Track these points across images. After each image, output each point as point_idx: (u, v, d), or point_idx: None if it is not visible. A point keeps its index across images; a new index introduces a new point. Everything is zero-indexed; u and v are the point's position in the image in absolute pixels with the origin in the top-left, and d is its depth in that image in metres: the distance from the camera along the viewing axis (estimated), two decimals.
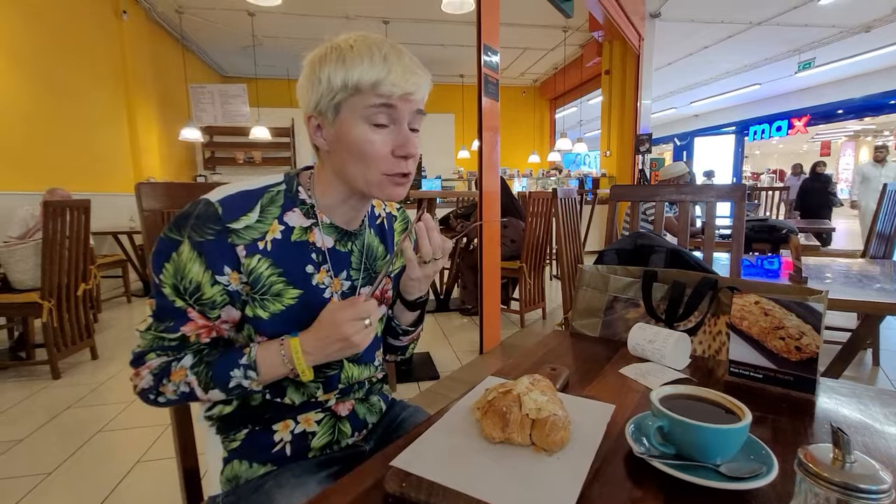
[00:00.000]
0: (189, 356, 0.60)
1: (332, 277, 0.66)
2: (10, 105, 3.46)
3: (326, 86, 0.57)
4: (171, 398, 0.60)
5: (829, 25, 6.78)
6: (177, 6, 5.46)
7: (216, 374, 0.59)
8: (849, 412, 0.61)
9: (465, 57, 7.35)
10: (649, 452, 0.48)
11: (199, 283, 0.58)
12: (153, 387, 0.59)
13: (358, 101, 0.58)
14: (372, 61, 0.56)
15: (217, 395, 0.59)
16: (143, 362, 0.60)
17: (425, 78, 0.60)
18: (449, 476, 0.46)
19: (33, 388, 2.28)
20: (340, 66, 0.56)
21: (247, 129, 6.30)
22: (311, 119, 0.61)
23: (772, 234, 2.65)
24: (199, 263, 0.57)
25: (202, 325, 0.60)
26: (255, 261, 0.60)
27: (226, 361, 0.59)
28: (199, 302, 0.59)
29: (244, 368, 0.59)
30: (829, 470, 0.33)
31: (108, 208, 4.18)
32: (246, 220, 0.60)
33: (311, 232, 0.65)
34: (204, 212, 0.58)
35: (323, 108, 0.59)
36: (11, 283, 2.40)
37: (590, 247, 5.49)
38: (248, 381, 0.59)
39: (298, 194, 0.65)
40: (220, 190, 0.61)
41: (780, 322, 0.67)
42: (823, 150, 16.20)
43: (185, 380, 0.58)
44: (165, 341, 0.59)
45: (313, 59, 0.59)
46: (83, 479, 1.55)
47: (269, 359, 0.59)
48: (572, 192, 2.23)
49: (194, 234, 0.57)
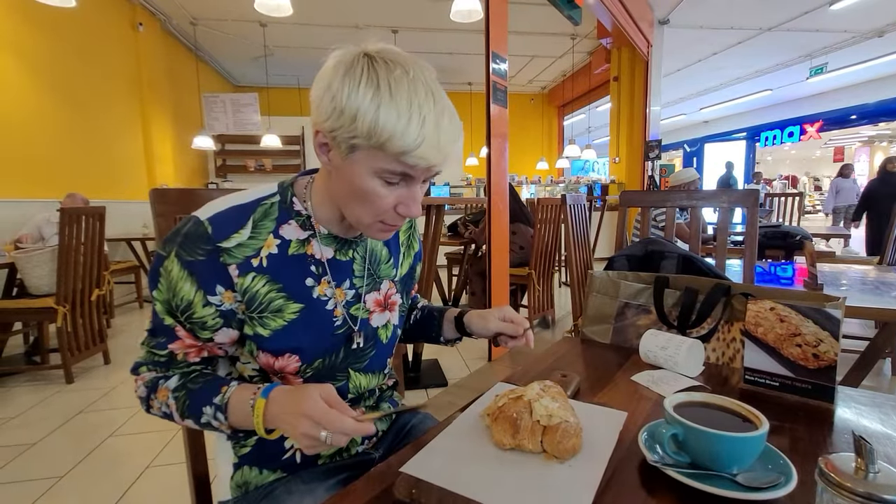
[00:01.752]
0: (175, 378, 0.59)
1: (335, 288, 0.64)
2: (30, 115, 3.55)
3: (349, 122, 0.50)
4: (156, 413, 0.60)
5: (840, 30, 6.71)
6: (191, 18, 5.57)
7: (191, 405, 0.57)
8: (869, 422, 0.60)
9: (473, 65, 7.39)
10: (663, 461, 0.47)
11: (190, 302, 0.56)
12: (144, 398, 0.60)
13: (377, 157, 0.52)
14: (409, 123, 0.49)
15: (191, 424, 0.58)
16: (138, 373, 0.61)
17: (457, 146, 0.55)
18: (459, 483, 0.45)
19: (47, 392, 2.31)
20: (373, 110, 0.49)
21: (258, 138, 6.38)
22: (320, 135, 0.55)
23: (785, 240, 2.61)
24: (189, 283, 0.56)
25: (189, 343, 0.59)
26: (249, 279, 0.58)
27: (203, 394, 0.57)
28: (189, 320, 0.57)
29: (215, 409, 0.56)
30: (851, 480, 0.32)
31: (122, 215, 4.25)
32: (238, 238, 0.57)
33: (309, 244, 0.62)
34: (194, 231, 0.56)
35: (338, 138, 0.52)
36: (28, 289, 2.44)
37: (599, 254, 5.45)
38: (216, 421, 0.56)
39: (293, 205, 0.62)
40: (210, 206, 0.59)
41: (796, 329, 0.65)
42: (837, 155, 15.98)
43: (167, 401, 0.58)
44: (155, 357, 0.60)
45: (343, 73, 0.51)
46: (94, 483, 1.57)
47: (240, 406, 0.56)
48: (581, 199, 2.22)
49: (183, 254, 0.55)
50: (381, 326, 0.71)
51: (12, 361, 2.70)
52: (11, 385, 2.40)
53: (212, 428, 0.58)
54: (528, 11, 5.28)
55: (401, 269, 0.76)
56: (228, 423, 0.56)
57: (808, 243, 1.60)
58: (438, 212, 2.11)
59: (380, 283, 0.71)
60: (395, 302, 0.73)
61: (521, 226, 3.20)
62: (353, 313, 0.66)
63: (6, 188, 3.28)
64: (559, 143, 10.06)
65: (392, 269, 0.73)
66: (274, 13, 3.65)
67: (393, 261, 0.73)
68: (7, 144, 3.32)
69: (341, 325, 0.65)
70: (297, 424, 0.50)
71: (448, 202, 3.55)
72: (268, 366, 0.62)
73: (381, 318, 0.71)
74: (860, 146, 15.56)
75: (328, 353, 0.64)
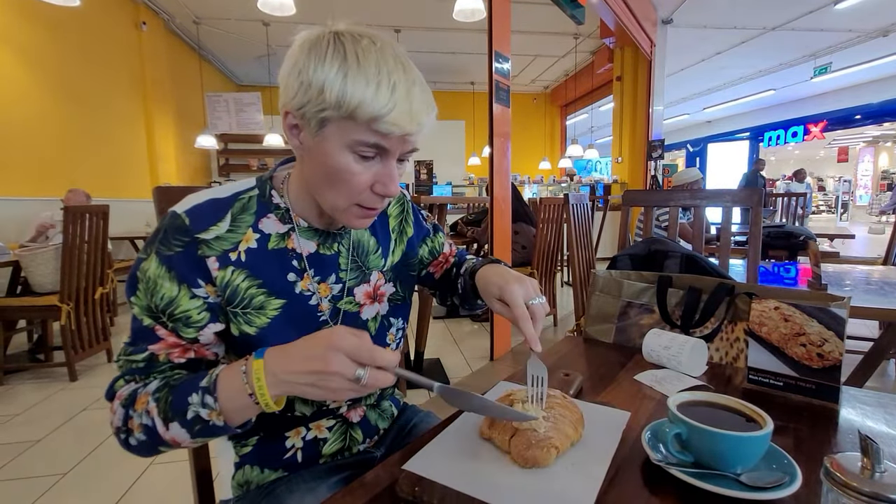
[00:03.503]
0: (156, 381, 0.52)
1: (318, 283, 0.62)
2: (34, 114, 3.56)
3: (317, 95, 0.49)
4: (139, 437, 0.50)
5: (845, 30, 6.68)
6: (194, 17, 5.59)
7: (174, 400, 0.48)
8: (874, 422, 0.59)
9: (475, 64, 7.39)
10: (667, 460, 0.47)
11: (171, 299, 0.53)
12: (123, 423, 0.51)
13: (348, 128, 0.50)
14: (378, 89, 0.48)
15: (178, 431, 0.48)
16: (114, 393, 0.53)
17: (431, 116, 0.53)
18: (462, 481, 0.45)
19: (51, 389, 2.32)
20: (340, 79, 0.48)
21: (260, 137, 6.40)
22: (289, 116, 0.53)
23: (789, 240, 2.60)
24: (169, 279, 0.52)
25: (172, 342, 0.54)
26: (228, 273, 0.55)
27: (187, 385, 0.49)
28: (172, 318, 0.53)
29: (202, 393, 0.47)
30: (857, 479, 0.32)
31: (125, 214, 4.26)
32: (216, 231, 0.55)
33: (290, 238, 0.60)
34: (171, 224, 0.54)
35: (307, 114, 0.51)
36: (32, 286, 2.46)
37: (601, 254, 5.44)
38: (205, 409, 0.47)
39: (272, 199, 0.60)
40: (187, 200, 0.56)
41: (800, 328, 0.65)
42: (841, 155, 15.91)
43: (146, 408, 0.49)
44: (133, 364, 0.53)
45: (308, 49, 0.50)
46: (98, 480, 1.57)
47: (230, 379, 0.48)
48: (583, 198, 2.22)
49: (163, 249, 0.53)
50: (371, 319, 0.69)
51: (16, 359, 2.71)
52: (16, 382, 2.42)
53: (201, 425, 0.48)
54: (531, 11, 5.28)
55: (392, 257, 0.72)
56: (220, 410, 0.47)
57: (811, 243, 1.59)
58: (441, 211, 2.11)
59: (369, 274, 0.68)
60: (385, 293, 0.70)
61: (523, 225, 3.20)
62: (339, 307, 0.65)
63: (10, 186, 3.30)
64: (562, 142, 10.05)
65: (381, 260, 0.70)
66: (277, 12, 3.66)
67: (382, 251, 0.70)
68: (11, 143, 3.34)
69: (325, 322, 0.63)
70: (327, 362, 0.44)
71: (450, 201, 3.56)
72: None
73: (370, 311, 0.69)
74: (864, 146, 15.49)
75: None
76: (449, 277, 0.80)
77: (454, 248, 0.84)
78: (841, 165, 16.86)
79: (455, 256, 0.83)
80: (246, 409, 0.48)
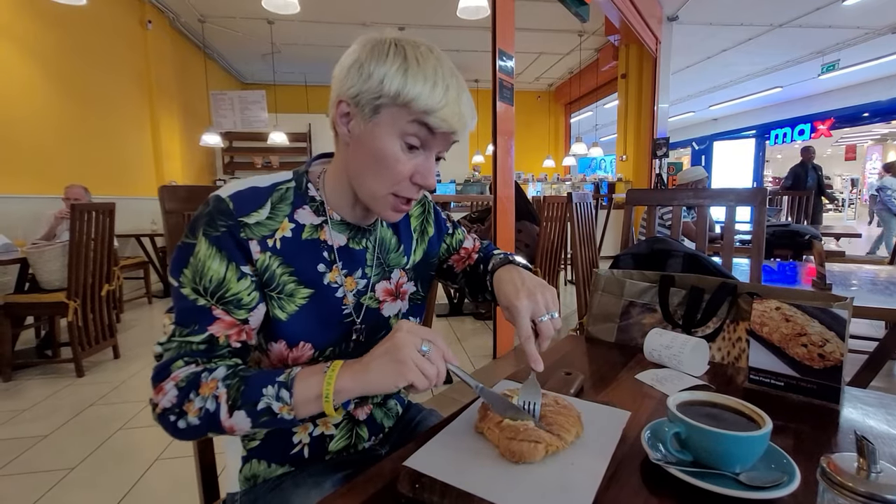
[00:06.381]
0: (223, 368, 0.53)
1: (345, 276, 0.64)
2: (39, 112, 3.59)
3: (377, 85, 0.53)
4: (191, 421, 0.51)
5: (853, 27, 6.60)
6: (199, 15, 5.60)
7: (247, 390, 0.51)
8: (875, 423, 0.59)
9: (479, 62, 7.34)
10: (666, 459, 0.47)
11: (220, 280, 0.54)
12: (176, 404, 0.51)
13: (401, 115, 0.54)
14: (434, 87, 0.53)
15: (241, 419, 0.50)
16: (169, 373, 0.52)
17: (473, 122, 0.58)
18: (462, 478, 0.46)
19: (58, 385, 2.35)
20: (400, 74, 0.53)
21: (265, 135, 6.43)
22: (342, 104, 0.57)
23: (794, 239, 2.58)
24: (218, 259, 0.55)
25: (229, 322, 0.55)
26: (266, 257, 0.58)
27: (262, 376, 0.52)
28: (222, 300, 0.55)
29: (278, 386, 0.51)
30: (853, 479, 0.32)
31: (131, 211, 4.30)
32: (257, 216, 0.58)
33: (322, 230, 0.63)
34: (216, 207, 0.56)
35: (362, 101, 0.55)
36: (40, 283, 2.48)
37: (605, 252, 5.43)
38: (278, 403, 0.50)
39: (308, 191, 0.63)
40: (228, 186, 0.59)
41: (802, 329, 0.65)
42: (849, 153, 15.75)
43: (215, 392, 0.50)
44: (193, 346, 0.53)
45: (371, 48, 0.55)
46: (105, 474, 1.59)
47: (309, 377, 0.51)
48: (587, 197, 2.21)
49: (210, 230, 0.55)
50: (393, 316, 0.70)
51: (24, 355, 2.74)
52: (23, 378, 2.45)
53: (268, 417, 0.50)
54: (536, 8, 5.26)
55: (413, 256, 0.74)
56: (292, 405, 0.50)
57: (816, 242, 1.58)
58: (444, 209, 2.11)
59: (390, 271, 0.70)
60: (407, 291, 0.72)
61: (526, 224, 3.20)
62: (362, 303, 0.66)
63: (15, 184, 3.33)
64: (566, 140, 10.02)
65: (403, 258, 0.72)
66: (281, 11, 3.67)
67: (404, 248, 0.72)
68: (16, 141, 3.37)
69: (349, 315, 0.65)
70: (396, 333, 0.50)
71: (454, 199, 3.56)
72: (280, 359, 0.61)
73: (392, 308, 0.70)
74: (872, 144, 15.34)
75: (338, 343, 0.64)
76: (476, 273, 0.78)
77: (478, 244, 0.83)
78: (849, 164, 16.70)
79: (480, 252, 0.81)
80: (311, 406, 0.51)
